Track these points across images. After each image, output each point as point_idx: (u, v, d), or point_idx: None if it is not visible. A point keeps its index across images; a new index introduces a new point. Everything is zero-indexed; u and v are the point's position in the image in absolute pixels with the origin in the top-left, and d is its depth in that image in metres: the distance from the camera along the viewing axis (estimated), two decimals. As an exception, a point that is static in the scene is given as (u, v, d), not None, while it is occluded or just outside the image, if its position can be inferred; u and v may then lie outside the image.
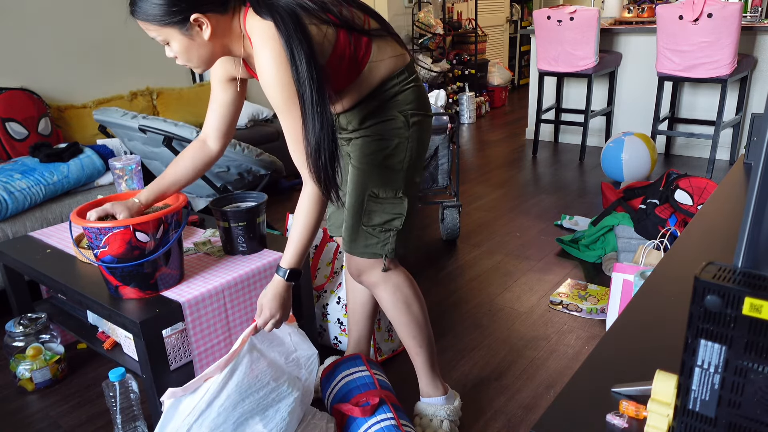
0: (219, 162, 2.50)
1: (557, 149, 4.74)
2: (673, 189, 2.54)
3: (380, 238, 1.45)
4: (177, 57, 1.25)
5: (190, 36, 1.21)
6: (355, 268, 1.52)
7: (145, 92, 3.69)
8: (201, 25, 1.20)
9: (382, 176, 1.41)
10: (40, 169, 2.51)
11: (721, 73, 3.58)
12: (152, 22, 1.20)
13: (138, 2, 1.19)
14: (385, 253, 1.46)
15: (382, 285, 1.52)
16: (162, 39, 1.23)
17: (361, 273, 1.52)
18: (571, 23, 4.03)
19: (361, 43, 1.32)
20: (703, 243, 1.07)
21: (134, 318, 1.43)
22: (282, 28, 1.16)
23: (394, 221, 1.44)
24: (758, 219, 0.55)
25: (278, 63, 1.17)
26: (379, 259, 1.48)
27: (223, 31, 1.23)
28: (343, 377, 1.62)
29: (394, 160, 1.41)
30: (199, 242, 1.86)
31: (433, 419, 1.61)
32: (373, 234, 1.45)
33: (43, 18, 3.22)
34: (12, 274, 2.01)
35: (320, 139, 1.21)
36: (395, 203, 1.43)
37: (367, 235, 1.45)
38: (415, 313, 1.55)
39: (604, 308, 2.25)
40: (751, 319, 0.49)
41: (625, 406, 0.65)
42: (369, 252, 1.47)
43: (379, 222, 1.44)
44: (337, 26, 1.27)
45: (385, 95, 1.38)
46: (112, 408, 1.58)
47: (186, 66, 1.29)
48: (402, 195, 1.43)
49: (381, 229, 1.44)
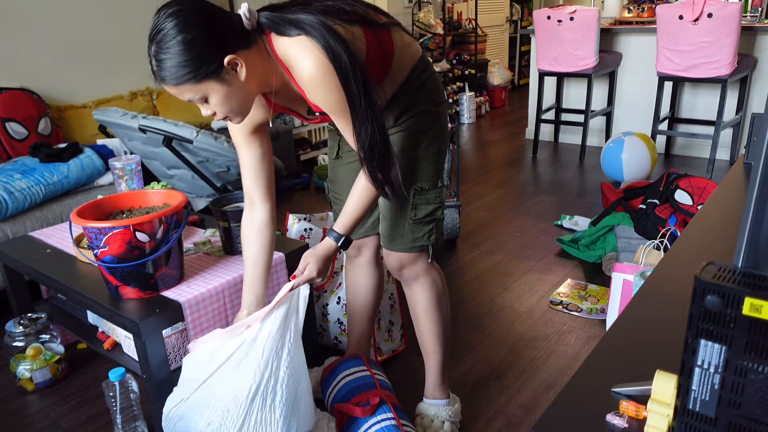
0: (219, 162, 2.50)
1: (557, 149, 4.74)
2: (673, 189, 2.54)
3: (426, 230, 1.48)
4: (216, 112, 1.16)
5: (227, 82, 1.12)
6: (398, 263, 1.52)
7: (145, 92, 3.69)
8: (235, 67, 1.13)
9: (424, 169, 1.43)
10: (40, 169, 2.51)
11: (721, 73, 3.58)
12: (187, 82, 1.09)
13: (164, 69, 1.09)
14: (430, 244, 1.50)
15: (423, 278, 1.54)
16: (200, 97, 1.13)
17: (404, 266, 1.52)
18: (571, 23, 4.03)
19: (384, 36, 1.31)
20: (703, 243, 1.07)
21: (134, 318, 1.43)
22: (317, 37, 1.13)
23: (437, 211, 1.48)
24: (758, 219, 0.55)
25: (324, 70, 1.13)
26: (425, 251, 1.51)
27: (255, 65, 1.16)
28: (343, 377, 1.62)
29: (431, 152, 1.43)
30: (199, 242, 1.86)
31: (435, 420, 1.62)
32: (420, 227, 1.47)
33: (43, 18, 3.22)
34: (12, 274, 2.01)
35: (373, 140, 1.20)
36: (437, 193, 1.46)
37: (414, 230, 1.47)
38: (444, 311, 1.59)
39: (604, 308, 2.25)
40: (751, 319, 0.49)
41: (625, 406, 0.65)
42: (417, 245, 1.48)
43: (424, 214, 1.46)
44: (361, 24, 1.25)
45: (414, 85, 1.39)
46: (112, 408, 1.58)
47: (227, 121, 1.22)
48: (441, 184, 1.47)
49: (427, 220, 1.47)
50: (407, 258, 1.51)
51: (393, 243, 1.50)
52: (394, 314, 2.05)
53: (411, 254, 1.50)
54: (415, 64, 1.39)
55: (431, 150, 1.43)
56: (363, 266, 1.72)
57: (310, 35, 1.14)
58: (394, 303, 2.06)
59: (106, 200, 1.62)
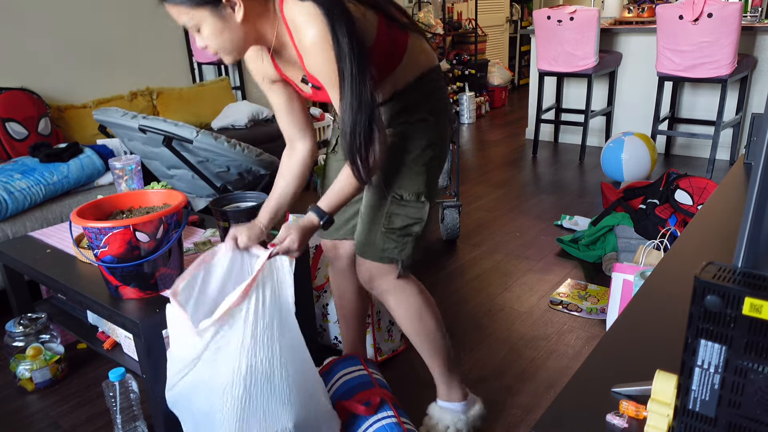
0: (219, 162, 2.50)
1: (557, 149, 4.74)
2: (673, 189, 2.54)
3: (398, 243, 1.40)
4: (208, 45, 1.21)
5: (222, 17, 1.16)
6: (368, 274, 1.46)
7: (145, 92, 3.69)
8: (234, 6, 1.16)
9: (409, 178, 1.38)
10: (40, 169, 2.51)
11: (721, 73, 3.58)
12: (184, 4, 1.15)
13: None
14: (401, 259, 1.42)
15: (393, 293, 1.47)
16: (193, 24, 1.18)
17: (373, 279, 1.46)
18: (571, 23, 4.03)
19: (400, 34, 1.32)
20: (703, 243, 1.07)
21: (134, 318, 1.43)
22: (323, 5, 1.14)
23: (414, 226, 1.40)
24: (758, 219, 0.55)
25: (325, 40, 1.14)
26: (394, 265, 1.43)
27: (257, 14, 1.19)
28: (341, 376, 1.62)
29: (420, 162, 1.37)
30: (199, 242, 1.86)
31: (439, 423, 1.58)
32: (392, 238, 1.40)
33: (43, 18, 3.22)
34: (12, 274, 2.01)
35: (357, 119, 1.17)
36: (418, 207, 1.39)
37: (385, 239, 1.40)
38: (427, 323, 1.50)
39: (604, 308, 2.25)
40: (751, 319, 0.49)
41: (625, 406, 0.65)
42: (386, 257, 1.41)
43: (399, 225, 1.39)
44: (375, 9, 1.26)
45: (419, 91, 1.37)
46: (112, 408, 1.58)
47: (217, 55, 1.24)
48: (425, 199, 1.40)
49: (401, 233, 1.40)
50: (376, 269, 1.43)
51: (364, 250, 1.44)
52: (394, 314, 2.04)
53: (381, 265, 1.43)
54: (426, 71, 1.37)
55: (420, 160, 1.37)
56: (344, 271, 1.69)
57: (318, 3, 1.14)
58: (394, 303, 2.05)
59: (106, 200, 1.62)
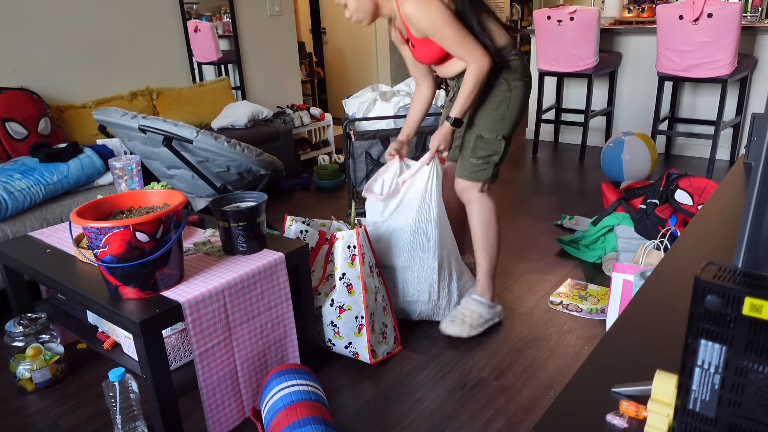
0: (219, 162, 2.50)
1: (557, 149, 4.74)
2: (673, 189, 2.54)
3: (481, 167, 2.03)
4: (352, 15, 1.92)
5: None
6: (461, 186, 2.10)
7: (145, 92, 3.69)
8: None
9: (489, 123, 2.00)
10: (39, 169, 2.51)
11: (721, 73, 3.58)
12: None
13: None
14: (484, 179, 2.05)
15: (476, 202, 2.09)
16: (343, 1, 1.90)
17: (464, 191, 2.10)
18: (571, 23, 4.03)
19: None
20: (703, 243, 1.06)
21: (134, 318, 1.43)
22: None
23: (493, 156, 2.03)
24: (758, 219, 0.55)
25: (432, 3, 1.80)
26: (478, 183, 2.05)
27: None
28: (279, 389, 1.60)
29: (498, 113, 1.98)
30: (199, 242, 1.86)
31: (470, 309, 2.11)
32: (477, 164, 2.03)
33: (43, 18, 3.22)
34: (12, 274, 2.01)
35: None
36: (496, 144, 2.01)
37: (473, 164, 2.04)
38: (492, 229, 2.12)
39: (604, 308, 2.25)
40: (751, 319, 0.49)
41: (625, 406, 0.65)
42: (472, 176, 2.05)
43: (482, 156, 2.02)
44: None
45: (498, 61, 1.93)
46: (112, 408, 1.58)
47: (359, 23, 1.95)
48: (501, 138, 2.01)
49: (484, 161, 2.02)
50: (465, 184, 2.08)
51: (459, 170, 2.09)
52: (387, 317, 2.05)
53: (468, 182, 2.07)
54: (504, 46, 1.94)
55: (497, 111, 1.98)
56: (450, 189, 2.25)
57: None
58: (386, 305, 2.06)
59: (106, 200, 1.62)
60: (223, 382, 1.63)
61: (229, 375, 1.65)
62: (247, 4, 4.31)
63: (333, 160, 4.54)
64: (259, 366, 1.73)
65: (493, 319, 2.16)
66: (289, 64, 4.73)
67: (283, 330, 1.78)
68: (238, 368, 1.67)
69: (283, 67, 4.69)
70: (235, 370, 1.66)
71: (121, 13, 3.59)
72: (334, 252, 1.97)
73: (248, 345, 1.68)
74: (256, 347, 1.71)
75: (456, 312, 2.13)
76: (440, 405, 1.78)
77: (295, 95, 4.83)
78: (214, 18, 4.17)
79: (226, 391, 1.65)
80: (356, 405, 1.80)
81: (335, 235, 1.97)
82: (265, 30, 4.48)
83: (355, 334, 1.96)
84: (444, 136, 2.00)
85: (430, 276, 2.11)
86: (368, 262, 1.98)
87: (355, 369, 1.97)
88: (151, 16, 3.76)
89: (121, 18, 3.59)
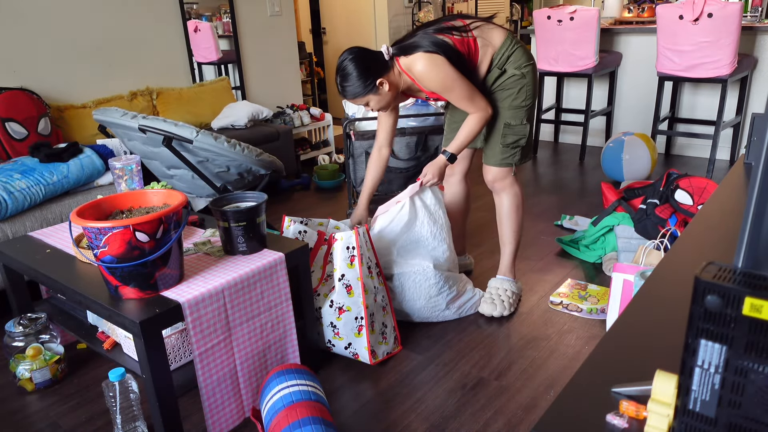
0: (219, 162, 2.50)
1: (557, 149, 4.74)
2: (673, 189, 2.54)
3: (511, 152, 2.17)
4: (374, 108, 2.05)
5: (380, 94, 2.00)
6: (492, 176, 2.23)
7: (145, 92, 3.68)
8: (382, 84, 1.99)
9: (513, 112, 2.12)
10: (39, 169, 2.51)
11: (722, 73, 3.58)
12: (358, 96, 1.99)
13: (346, 90, 1.98)
14: (514, 162, 2.18)
15: (507, 191, 2.24)
16: (364, 102, 2.01)
17: (495, 180, 2.23)
18: (571, 23, 4.03)
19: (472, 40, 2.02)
20: (703, 243, 1.06)
21: (134, 318, 1.43)
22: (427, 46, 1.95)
23: (520, 140, 2.16)
24: (758, 219, 0.55)
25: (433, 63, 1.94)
26: (509, 169, 2.20)
27: (392, 80, 2.02)
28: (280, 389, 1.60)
29: (519, 101, 2.10)
30: (199, 242, 1.86)
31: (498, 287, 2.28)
32: (507, 150, 2.16)
33: (43, 18, 3.22)
34: (12, 274, 2.01)
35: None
36: (522, 129, 2.14)
37: (503, 150, 2.16)
38: (519, 215, 2.29)
39: (604, 308, 2.25)
40: (751, 319, 0.49)
41: (625, 406, 0.64)
42: (504, 162, 2.18)
43: (511, 141, 2.15)
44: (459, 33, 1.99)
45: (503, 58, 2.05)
46: (112, 408, 1.58)
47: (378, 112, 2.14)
48: (525, 122, 2.14)
49: (513, 146, 2.16)
50: (496, 172, 2.21)
51: (489, 159, 2.21)
52: (387, 317, 2.05)
53: (500, 170, 2.20)
54: (499, 48, 2.04)
55: (518, 100, 2.10)
56: (455, 182, 2.44)
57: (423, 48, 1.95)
58: (386, 305, 2.06)
59: (106, 200, 1.62)
60: (223, 382, 1.63)
61: (229, 375, 1.65)
62: (247, 4, 4.31)
63: (333, 160, 4.55)
64: (259, 366, 1.73)
65: (520, 293, 2.36)
66: (289, 64, 4.73)
67: (283, 330, 1.78)
68: (238, 368, 1.67)
69: (283, 67, 4.69)
70: (235, 370, 1.66)
71: (121, 13, 3.59)
72: (333, 253, 1.97)
73: (248, 345, 1.68)
74: (256, 347, 1.71)
75: (487, 295, 2.28)
76: (440, 405, 1.78)
77: (295, 95, 4.83)
78: (214, 18, 4.17)
79: (226, 391, 1.65)
80: (356, 405, 1.80)
81: (334, 236, 1.97)
82: (265, 30, 4.48)
83: (355, 334, 1.96)
84: (438, 169, 2.13)
85: (426, 280, 2.14)
86: (367, 262, 1.98)
87: (355, 369, 1.97)
88: (151, 16, 3.76)
89: (121, 18, 3.59)
